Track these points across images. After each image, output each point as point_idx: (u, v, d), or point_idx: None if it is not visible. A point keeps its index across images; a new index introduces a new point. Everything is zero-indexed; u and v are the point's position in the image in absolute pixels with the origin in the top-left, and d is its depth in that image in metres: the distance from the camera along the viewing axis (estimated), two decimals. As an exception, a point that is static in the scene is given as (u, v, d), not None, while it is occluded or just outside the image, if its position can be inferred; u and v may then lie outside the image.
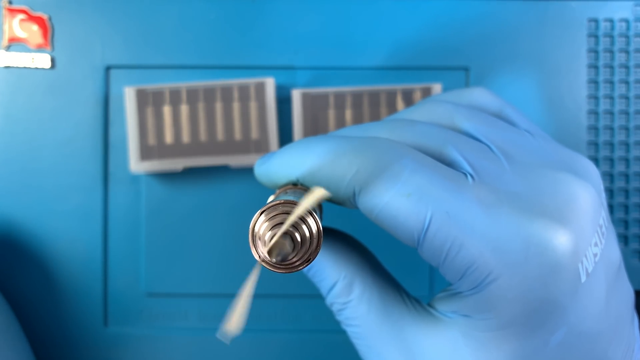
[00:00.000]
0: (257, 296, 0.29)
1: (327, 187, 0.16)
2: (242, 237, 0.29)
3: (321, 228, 0.15)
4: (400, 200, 0.15)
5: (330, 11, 0.29)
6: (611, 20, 0.29)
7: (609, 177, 0.29)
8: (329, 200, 0.17)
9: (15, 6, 0.28)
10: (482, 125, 0.18)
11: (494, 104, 0.20)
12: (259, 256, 0.15)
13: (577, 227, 0.15)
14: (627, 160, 0.29)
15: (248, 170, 0.29)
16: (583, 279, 0.15)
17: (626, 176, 0.29)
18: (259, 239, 0.15)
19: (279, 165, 0.18)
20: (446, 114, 0.18)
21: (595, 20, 0.29)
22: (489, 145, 0.17)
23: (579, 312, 0.16)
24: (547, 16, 0.29)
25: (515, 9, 0.29)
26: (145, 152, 0.27)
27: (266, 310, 0.29)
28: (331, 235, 0.20)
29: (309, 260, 0.15)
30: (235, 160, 0.27)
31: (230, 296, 0.29)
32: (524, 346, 0.15)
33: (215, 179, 0.29)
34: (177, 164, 0.27)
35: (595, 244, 0.16)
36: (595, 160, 0.29)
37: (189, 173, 0.29)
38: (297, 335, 0.29)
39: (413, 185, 0.15)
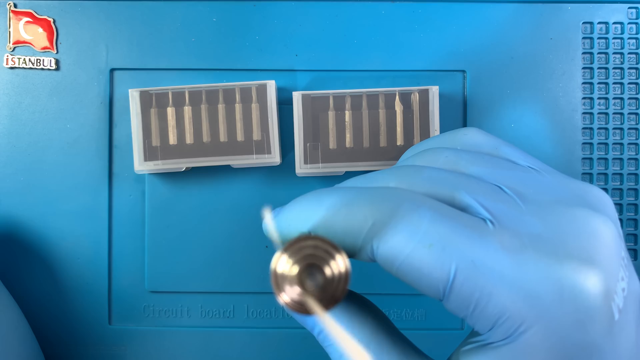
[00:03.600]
0: (258, 293, 0.29)
1: (342, 241, 0.16)
2: (243, 235, 0.29)
3: (350, 268, 0.14)
4: (423, 252, 0.15)
5: (330, 15, 0.29)
6: (606, 23, 0.29)
7: (603, 177, 0.29)
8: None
9: (20, 9, 0.29)
10: (487, 167, 0.17)
11: (489, 143, 0.19)
12: (286, 298, 0.14)
13: (604, 264, 0.15)
14: (621, 160, 0.29)
15: (249, 170, 0.29)
16: (616, 317, 0.15)
17: (620, 176, 0.29)
18: (285, 279, 0.14)
19: (289, 219, 0.17)
20: (449, 161, 0.18)
21: (590, 23, 0.29)
22: (500, 187, 0.17)
23: (615, 351, 0.15)
24: (542, 19, 0.29)
25: (511, 12, 0.29)
26: (149, 153, 0.28)
27: (267, 308, 0.29)
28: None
29: (336, 300, 0.14)
30: (237, 161, 0.28)
31: (232, 294, 0.29)
32: None
33: (218, 179, 0.29)
34: (180, 164, 0.28)
35: (622, 278, 0.15)
36: (590, 161, 0.29)
37: (192, 173, 0.29)
38: (297, 332, 0.29)
39: (434, 235, 0.15)
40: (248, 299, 0.29)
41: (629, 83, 0.29)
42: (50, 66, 0.29)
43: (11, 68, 0.29)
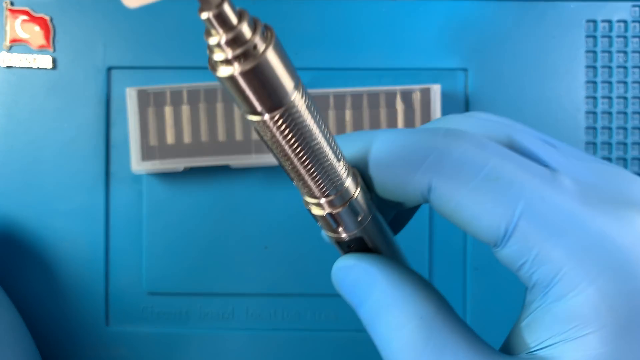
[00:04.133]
0: (257, 295, 0.29)
1: (395, 174, 0.15)
2: (243, 237, 0.29)
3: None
4: (488, 185, 0.14)
5: (330, 13, 0.29)
6: (609, 22, 0.29)
7: (606, 177, 0.29)
8: (390, 201, 0.16)
9: (17, 7, 0.29)
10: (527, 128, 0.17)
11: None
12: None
13: None
14: (625, 160, 0.29)
15: (248, 170, 0.29)
16: None
17: (624, 176, 0.29)
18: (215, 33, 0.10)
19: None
20: (499, 127, 0.17)
21: (594, 22, 0.29)
22: (548, 142, 0.16)
23: None
24: (545, 17, 0.29)
25: (513, 11, 0.29)
26: (147, 152, 0.27)
27: (267, 309, 0.29)
28: (402, 271, 0.17)
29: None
30: (236, 161, 0.27)
31: (231, 295, 0.29)
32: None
33: (216, 179, 0.29)
34: (178, 164, 0.28)
35: None
36: (593, 161, 0.29)
37: (190, 173, 0.29)
38: (297, 334, 0.29)
39: (502, 170, 0.14)
40: (247, 300, 0.29)
41: (633, 82, 0.29)
42: (47, 65, 0.29)
43: (7, 67, 0.29)
